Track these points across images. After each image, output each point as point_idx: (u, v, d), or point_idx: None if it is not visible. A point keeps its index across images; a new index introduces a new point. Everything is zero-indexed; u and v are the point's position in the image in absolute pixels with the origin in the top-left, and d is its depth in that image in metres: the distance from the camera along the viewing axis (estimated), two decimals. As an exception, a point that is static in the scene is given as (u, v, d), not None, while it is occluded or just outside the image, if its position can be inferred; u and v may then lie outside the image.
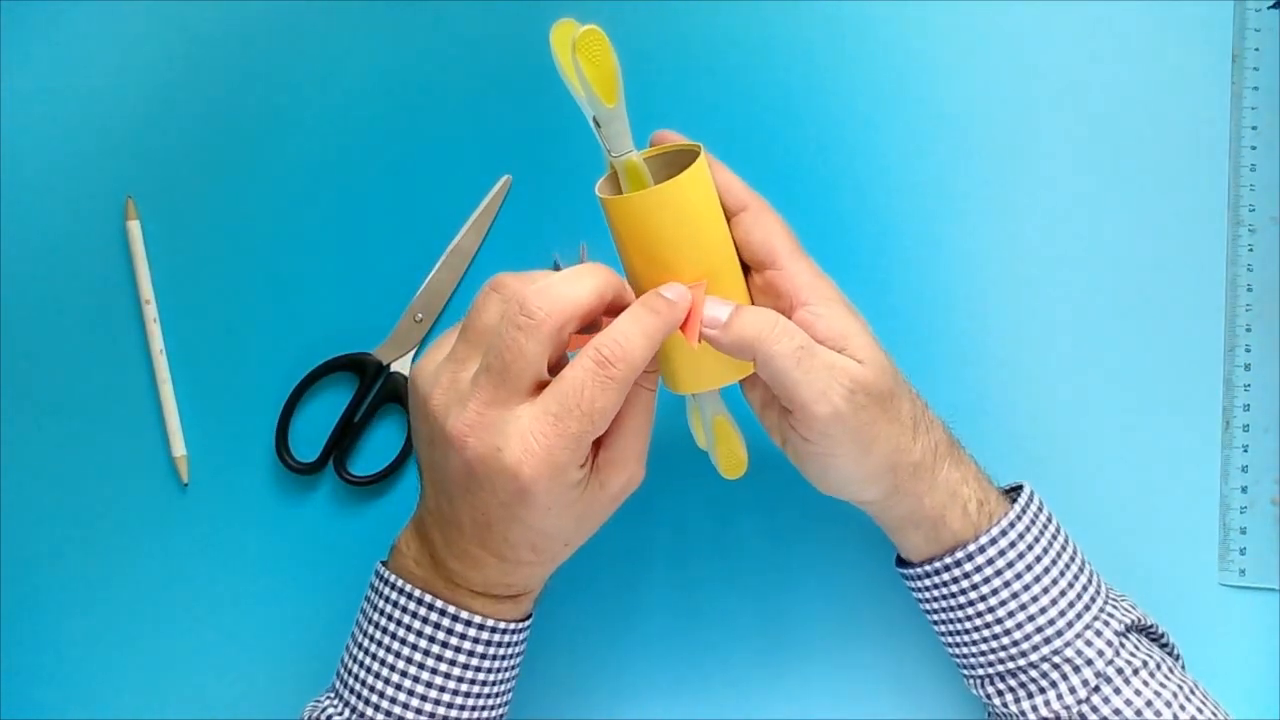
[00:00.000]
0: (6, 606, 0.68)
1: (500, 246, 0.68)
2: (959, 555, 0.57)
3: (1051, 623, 0.57)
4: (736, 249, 0.55)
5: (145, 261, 0.68)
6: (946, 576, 0.57)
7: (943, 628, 0.60)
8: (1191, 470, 0.68)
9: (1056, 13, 0.69)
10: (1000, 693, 0.58)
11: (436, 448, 0.52)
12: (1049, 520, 0.59)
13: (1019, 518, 0.57)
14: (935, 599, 0.59)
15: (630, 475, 0.53)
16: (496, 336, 0.50)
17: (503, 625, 0.55)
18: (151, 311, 0.68)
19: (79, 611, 0.68)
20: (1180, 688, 0.57)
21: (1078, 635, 0.57)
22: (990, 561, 0.57)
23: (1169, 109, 0.69)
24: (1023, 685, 0.58)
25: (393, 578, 0.56)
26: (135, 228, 0.68)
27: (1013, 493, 0.60)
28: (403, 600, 0.55)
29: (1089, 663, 0.56)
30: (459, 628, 0.54)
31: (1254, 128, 0.69)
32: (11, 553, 0.68)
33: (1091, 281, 0.69)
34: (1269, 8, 0.69)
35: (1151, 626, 0.60)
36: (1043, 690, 0.57)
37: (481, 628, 0.55)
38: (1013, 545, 0.57)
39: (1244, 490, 0.67)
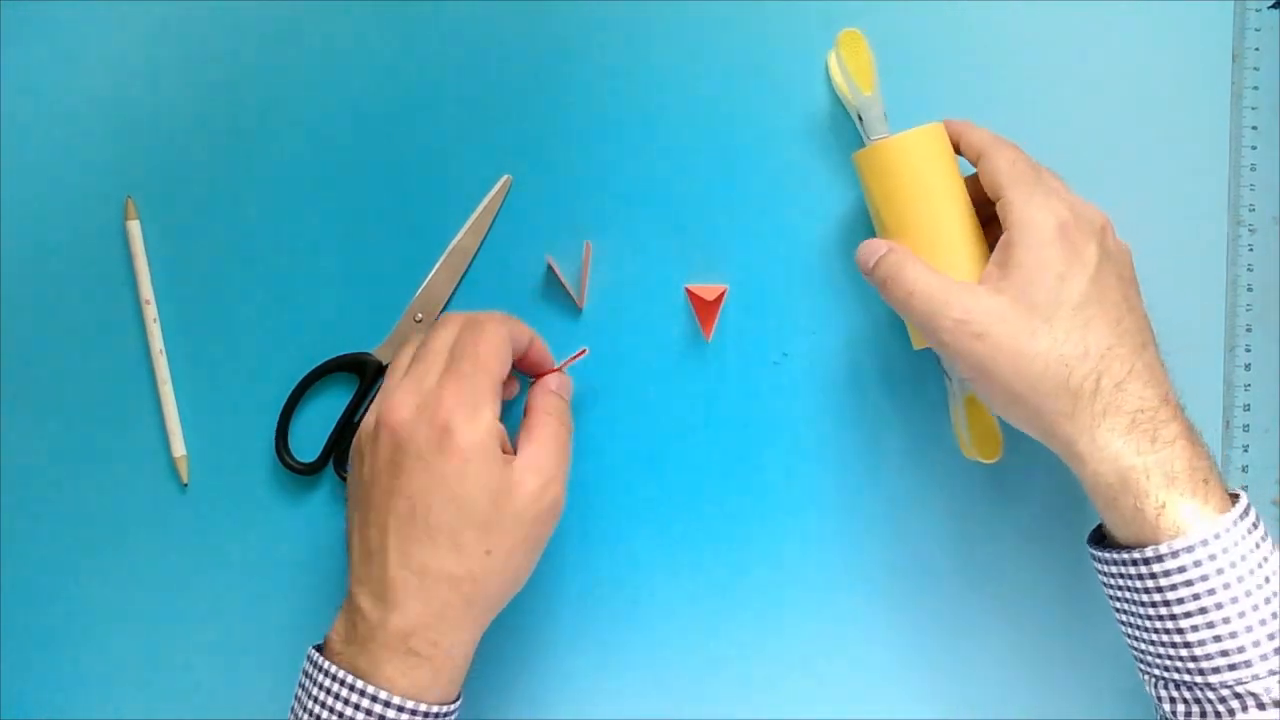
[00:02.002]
0: (6, 606, 0.68)
1: (500, 246, 0.68)
2: (1148, 553, 0.55)
3: (1241, 650, 0.54)
4: (984, 191, 0.61)
5: (145, 261, 0.68)
6: (1131, 570, 0.55)
7: (1122, 616, 0.58)
8: (1192, 470, 0.68)
9: (1056, 13, 0.69)
10: (1173, 700, 0.56)
11: (365, 457, 0.58)
12: (1262, 539, 0.56)
13: (1227, 530, 0.54)
14: (1117, 585, 0.57)
15: (545, 481, 0.58)
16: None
17: (423, 708, 0.56)
18: (151, 311, 0.68)
19: (79, 612, 0.68)
20: None
21: (1271, 673, 0.53)
22: (1181, 569, 0.54)
23: (1169, 109, 0.69)
24: (1198, 702, 0.55)
25: (317, 657, 0.58)
26: (135, 228, 0.68)
27: (1234, 499, 0.57)
28: (325, 680, 0.57)
29: (1277, 704, 0.53)
30: (377, 708, 0.56)
31: (1254, 128, 0.69)
32: (11, 553, 0.68)
33: (1091, 281, 0.68)
34: (1269, 8, 0.69)
35: None
36: (1219, 716, 0.54)
37: (401, 709, 0.56)
38: (1212, 558, 0.54)
39: (1244, 490, 0.67)
